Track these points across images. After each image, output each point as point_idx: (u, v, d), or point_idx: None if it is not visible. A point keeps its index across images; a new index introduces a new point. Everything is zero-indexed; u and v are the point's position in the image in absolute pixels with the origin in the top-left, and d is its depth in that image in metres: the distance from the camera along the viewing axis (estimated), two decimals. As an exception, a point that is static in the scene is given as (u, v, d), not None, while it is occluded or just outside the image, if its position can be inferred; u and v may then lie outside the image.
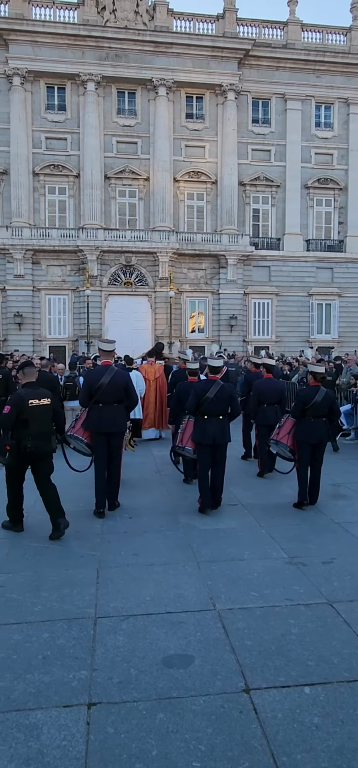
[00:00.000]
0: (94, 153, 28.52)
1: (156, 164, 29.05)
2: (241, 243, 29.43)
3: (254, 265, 30.31)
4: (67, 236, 28.21)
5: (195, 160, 29.95)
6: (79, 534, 5.35)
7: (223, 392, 6.17)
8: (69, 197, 29.32)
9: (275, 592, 4.11)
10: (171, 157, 29.36)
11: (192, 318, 30.42)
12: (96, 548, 4.97)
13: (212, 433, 6.10)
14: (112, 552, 4.88)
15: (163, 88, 28.79)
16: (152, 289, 29.01)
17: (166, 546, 5.04)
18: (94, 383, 6.03)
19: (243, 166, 30.20)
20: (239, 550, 4.96)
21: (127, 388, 6.16)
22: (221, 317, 29.70)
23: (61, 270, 28.75)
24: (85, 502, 6.44)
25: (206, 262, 29.68)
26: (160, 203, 29.04)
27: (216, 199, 30.23)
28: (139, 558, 4.73)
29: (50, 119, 28.72)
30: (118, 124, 29.28)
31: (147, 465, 8.80)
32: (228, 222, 29.78)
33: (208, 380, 6.38)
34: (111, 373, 6.05)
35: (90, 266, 27.74)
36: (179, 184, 29.93)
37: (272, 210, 30.97)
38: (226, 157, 29.69)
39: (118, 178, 29.41)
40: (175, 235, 28.82)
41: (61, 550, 4.90)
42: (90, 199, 28.50)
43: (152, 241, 28.37)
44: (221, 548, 5.00)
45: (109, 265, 28.60)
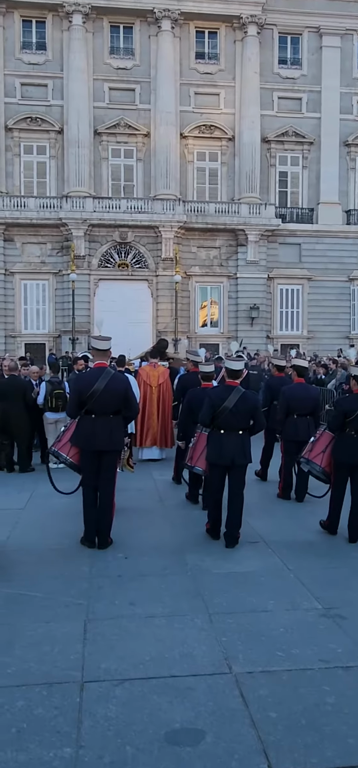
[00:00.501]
0: (82, 103, 28.75)
1: (158, 116, 29.23)
2: (264, 215, 29.49)
3: (281, 243, 30.33)
4: (47, 207, 28.42)
5: (207, 110, 30.09)
6: (63, 577, 5.37)
7: (244, 402, 6.19)
8: (50, 158, 29.53)
9: (306, 651, 4.12)
10: (177, 108, 29.52)
11: (203, 309, 30.48)
12: (83, 595, 5.00)
13: (230, 452, 6.14)
14: (103, 600, 4.90)
15: (168, 21, 29.01)
16: (153, 272, 29.10)
17: (171, 593, 5.06)
18: (85, 389, 6.07)
19: (267, 119, 30.30)
20: (261, 598, 4.97)
21: (126, 395, 6.22)
22: (239, 308, 29.74)
23: (40, 249, 28.93)
24: (71, 536, 6.46)
25: (221, 238, 29.75)
26: (164, 165, 29.20)
27: (233, 160, 30.34)
28: (136, 608, 4.75)
29: (27, 61, 29.02)
30: (112, 67, 29.51)
31: (147, 491, 8.80)
32: (248, 188, 29.86)
33: (226, 387, 6.42)
34: (107, 377, 6.08)
35: (76, 244, 27.91)
36: (186, 141, 30.08)
37: (303, 173, 31.03)
38: (246, 108, 29.81)
39: (112, 133, 29.59)
40: (182, 204, 28.94)
41: (40, 598, 4.94)
42: (76, 161, 28.72)
43: (154, 213, 28.50)
44: (239, 596, 5.01)
45: (100, 243, 28.75)
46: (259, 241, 29.58)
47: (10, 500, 8.32)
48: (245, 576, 5.48)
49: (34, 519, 7.35)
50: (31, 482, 9.33)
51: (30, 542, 6.39)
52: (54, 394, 10.37)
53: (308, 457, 6.83)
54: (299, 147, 30.90)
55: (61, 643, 4.17)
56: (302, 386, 8.20)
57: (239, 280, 29.71)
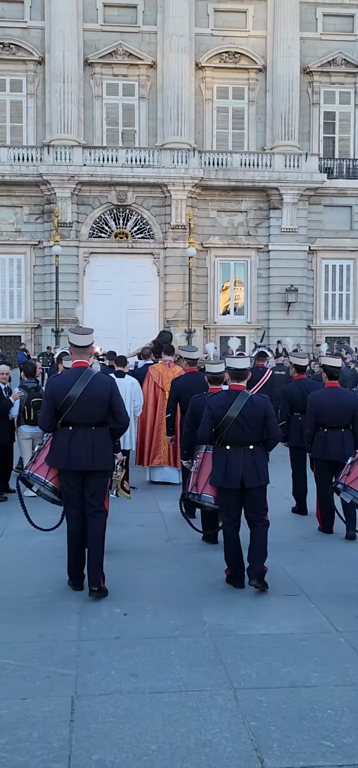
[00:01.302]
0: (68, 24, 28.94)
1: (167, 41, 29.37)
2: (305, 168, 29.49)
3: (327, 205, 30.34)
4: (23, 159, 28.68)
5: (231, 32, 30.23)
6: (44, 639, 5.36)
7: (253, 408, 6.36)
8: (27, 96, 29.78)
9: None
10: (191, 30, 29.64)
11: (225, 291, 30.50)
12: (70, 663, 4.98)
13: (238, 472, 6.30)
14: (96, 670, 4.88)
15: None
16: (161, 244, 29.19)
17: (183, 661, 5.03)
18: (60, 395, 6.22)
19: (309, 43, 30.38)
20: (301, 669, 4.92)
21: (112, 401, 6.35)
22: (271, 290, 29.75)
23: (15, 214, 29.16)
24: (54, 586, 6.47)
25: (249, 199, 29.80)
26: (175, 104, 29.32)
27: (265, 98, 30.41)
28: (139, 681, 4.72)
29: (-2, -28, 29.32)
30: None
31: (152, 526, 8.80)
32: (284, 134, 29.90)
33: (228, 392, 6.64)
34: (86, 380, 6.23)
35: (61, 208, 28.08)
36: (204, 72, 30.20)
37: (355, 113, 31.04)
38: (281, 28, 29.86)
39: (107, 64, 29.80)
40: (198, 156, 29.03)
41: (15, 667, 4.93)
42: (61, 100, 28.93)
43: (161, 167, 28.64)
44: (272, 666, 4.97)
45: (92, 206, 28.92)
46: (297, 203, 29.56)
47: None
48: (281, 639, 5.43)
49: (7, 564, 7.36)
50: (3, 516, 9.36)
51: (1, 595, 6.39)
52: (31, 404, 10.41)
53: (345, 482, 6.87)
54: (351, 80, 30.94)
55: (41, 726, 4.15)
56: (335, 392, 8.31)
57: (272, 253, 29.72)
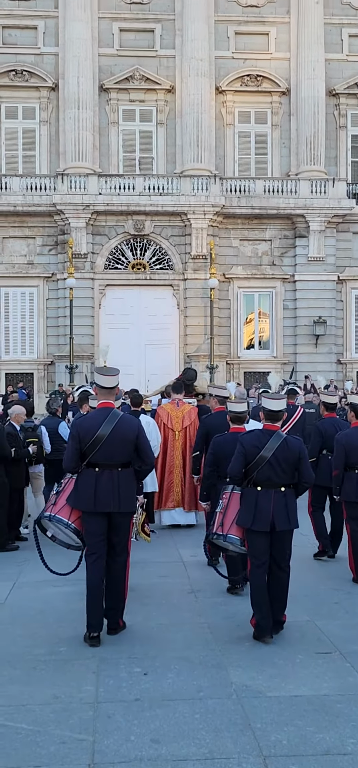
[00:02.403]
0: (83, 49, 29.44)
1: (186, 65, 29.77)
2: (332, 194, 29.61)
3: (356, 232, 30.38)
4: (36, 189, 29.03)
5: (252, 55, 30.58)
6: (59, 700, 5.31)
7: (287, 450, 6.53)
8: (40, 123, 30.23)
9: None
10: (211, 53, 30.04)
11: (249, 324, 30.51)
12: (87, 728, 4.92)
13: (269, 514, 6.46)
14: (114, 735, 4.82)
15: None
16: (180, 275, 29.33)
17: (209, 726, 4.95)
18: (87, 436, 6.45)
19: (335, 65, 30.66)
20: (336, 735, 4.84)
21: (138, 442, 6.61)
22: (298, 322, 29.72)
23: (27, 245, 29.46)
24: (69, 642, 6.43)
25: (273, 227, 29.92)
26: (194, 130, 29.62)
27: (289, 121, 30.64)
28: (161, 747, 4.65)
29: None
30: (123, 1, 30.27)
31: (172, 575, 8.76)
32: (310, 159, 30.08)
33: (263, 431, 6.76)
34: (113, 421, 6.47)
35: (75, 238, 28.34)
36: (225, 97, 30.54)
37: (385, 137, 31.13)
38: (305, 51, 30.17)
39: (123, 89, 30.24)
40: (218, 183, 29.26)
41: (27, 732, 4.89)
42: (75, 127, 29.32)
43: (180, 195, 28.87)
44: (305, 732, 4.88)
45: (108, 237, 29.16)
46: (325, 231, 29.62)
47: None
48: (313, 702, 5.35)
49: (19, 618, 7.32)
50: (15, 566, 9.34)
51: (13, 651, 6.36)
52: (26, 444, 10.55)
53: None
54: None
55: (56, 796, 4.12)
56: None
57: (298, 284, 29.73)
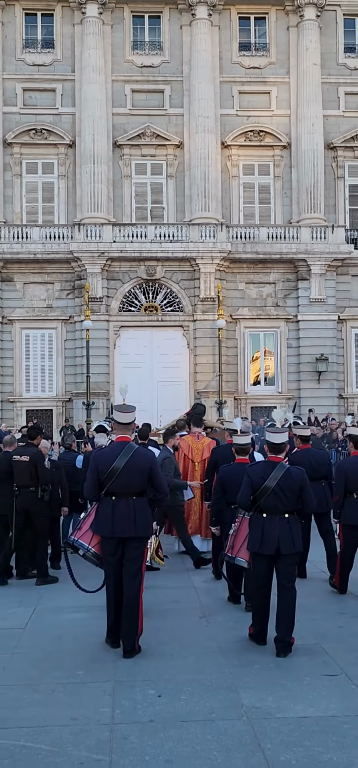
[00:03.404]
0: (98, 109, 29.84)
1: (194, 122, 30.10)
2: (331, 240, 29.72)
3: (355, 275, 30.44)
4: (55, 238, 29.27)
5: (255, 113, 30.90)
6: (77, 722, 5.26)
7: (290, 479, 6.80)
8: (59, 178, 30.57)
9: None
10: (217, 111, 30.38)
11: (255, 361, 30.51)
12: (104, 748, 4.86)
13: (274, 539, 6.72)
14: (130, 755, 4.75)
15: (204, 7, 30.16)
16: (190, 316, 29.42)
17: (221, 746, 4.88)
18: (104, 467, 6.79)
19: (332, 120, 30.93)
20: (344, 755, 4.75)
21: (152, 473, 6.89)
22: (301, 360, 29.69)
23: (46, 290, 29.65)
24: (87, 666, 6.39)
25: (276, 271, 30.01)
26: (202, 182, 29.87)
27: (290, 173, 30.86)
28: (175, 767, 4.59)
29: (31, 61, 30.46)
30: (135, 65, 30.72)
31: (185, 602, 8.73)
32: (310, 208, 30.23)
33: (267, 462, 7.07)
34: (129, 453, 6.78)
35: (91, 283, 28.48)
36: (230, 151, 30.81)
37: (381, 186, 31.29)
38: (304, 107, 30.47)
39: (135, 145, 30.56)
40: (225, 230, 29.44)
41: (48, 752, 4.82)
42: (91, 180, 29.62)
43: (189, 242, 29.05)
44: (313, 752, 4.80)
45: (122, 281, 29.32)
46: (325, 274, 29.69)
47: (7, 617, 8.27)
48: (321, 722, 5.26)
49: (39, 643, 7.28)
50: (34, 592, 9.30)
51: (33, 675, 6.30)
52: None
53: None
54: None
55: None
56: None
57: (301, 323, 29.74)
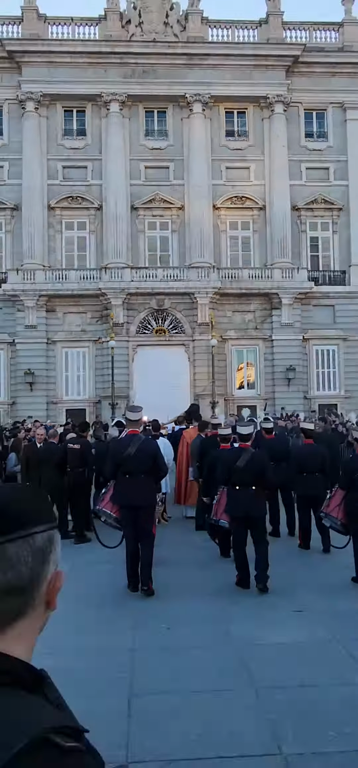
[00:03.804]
0: (119, 181, 29.90)
1: (192, 190, 30.12)
2: (297, 278, 29.65)
3: (315, 305, 30.33)
4: (87, 278, 29.27)
5: (238, 183, 30.87)
6: (105, 650, 5.24)
7: (254, 461, 6.99)
8: (90, 233, 30.60)
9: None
10: (209, 182, 30.39)
11: (240, 371, 30.47)
12: (126, 668, 4.84)
13: (245, 505, 6.88)
14: (146, 674, 4.73)
15: (199, 104, 30.21)
16: (190, 337, 29.39)
17: (216, 666, 4.86)
18: (119, 454, 6.94)
19: (296, 188, 30.85)
20: (309, 672, 4.72)
21: (155, 458, 7.01)
22: (275, 369, 29.62)
23: (81, 318, 29.65)
24: (111, 606, 6.35)
25: (255, 302, 29.97)
26: (198, 235, 29.87)
27: (265, 228, 30.83)
28: (180, 683, 4.56)
29: (68, 146, 30.51)
30: (147, 148, 30.74)
31: (189, 559, 8.69)
32: (280, 254, 30.18)
33: (238, 448, 7.35)
34: (137, 443, 6.91)
35: (115, 312, 28.51)
36: (219, 212, 30.79)
37: (333, 238, 31.23)
38: (275, 179, 30.46)
39: (147, 208, 30.57)
40: (216, 271, 29.40)
41: (82, 671, 4.80)
42: (114, 234, 29.66)
43: (189, 280, 29.01)
44: (286, 669, 4.78)
45: (138, 311, 29.29)
46: (293, 304, 29.63)
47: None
48: (292, 648, 5.24)
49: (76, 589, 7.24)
50: (72, 551, 9.26)
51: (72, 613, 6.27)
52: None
53: (326, 511, 7.55)
54: (329, 213, 31.21)
55: (104, 720, 4.02)
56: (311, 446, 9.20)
57: (275, 342, 29.68)
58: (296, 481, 8.97)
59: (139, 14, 30.38)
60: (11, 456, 12.55)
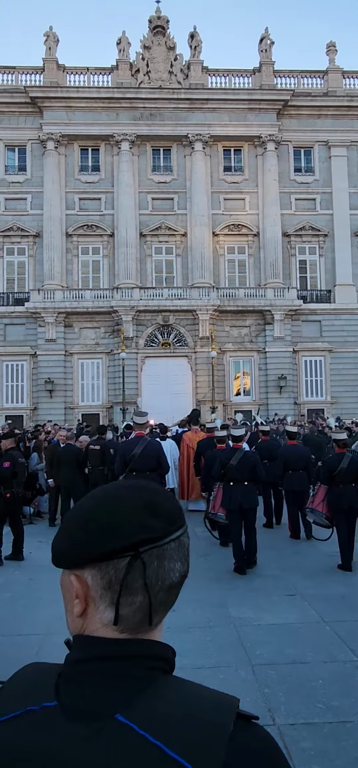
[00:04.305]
0: (129, 211, 29.99)
1: (193, 219, 30.18)
2: (287, 297, 29.65)
3: (303, 320, 30.32)
4: (101, 297, 29.33)
5: (235, 212, 30.92)
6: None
7: (246, 460, 7.04)
8: (103, 257, 30.69)
9: (345, 703, 3.82)
10: (209, 211, 30.46)
11: (237, 379, 30.45)
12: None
13: (238, 499, 6.87)
14: (153, 651, 4.70)
15: (200, 143, 30.32)
16: (192, 349, 29.39)
17: (216, 645, 4.82)
18: (127, 453, 7.00)
19: (287, 217, 30.89)
20: (300, 650, 4.68)
21: (159, 457, 7.08)
22: (268, 378, 29.58)
23: (95, 332, 29.70)
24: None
25: (250, 318, 29.97)
26: (199, 259, 29.91)
27: (259, 252, 30.85)
28: (184, 659, 4.52)
29: (84, 180, 30.65)
30: (154, 181, 30.84)
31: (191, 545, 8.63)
32: (273, 275, 30.19)
33: (231, 449, 7.36)
34: (143, 444, 6.98)
35: (125, 327, 28.54)
36: (218, 238, 30.84)
37: (320, 261, 31.23)
38: (268, 208, 30.51)
39: (154, 235, 30.65)
40: (215, 291, 29.43)
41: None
42: (125, 258, 29.72)
43: (191, 299, 29.04)
44: (279, 648, 4.74)
45: (146, 326, 29.33)
46: (284, 320, 29.62)
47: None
48: (284, 628, 5.20)
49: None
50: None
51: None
52: None
53: (311, 507, 7.57)
54: (315, 239, 31.23)
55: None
56: (295, 447, 9.27)
57: (268, 353, 29.66)
58: (283, 478, 9.04)
59: (147, 64, 30.58)
60: (33, 455, 12.54)
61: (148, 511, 0.84)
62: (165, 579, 0.83)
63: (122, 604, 0.81)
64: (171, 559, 0.84)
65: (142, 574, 0.81)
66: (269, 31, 31.55)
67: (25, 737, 0.73)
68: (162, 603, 0.84)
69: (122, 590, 0.81)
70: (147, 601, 0.82)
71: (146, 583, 0.81)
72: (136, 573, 0.81)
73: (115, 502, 0.84)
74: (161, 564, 0.83)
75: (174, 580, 0.85)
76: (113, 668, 0.79)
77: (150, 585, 0.82)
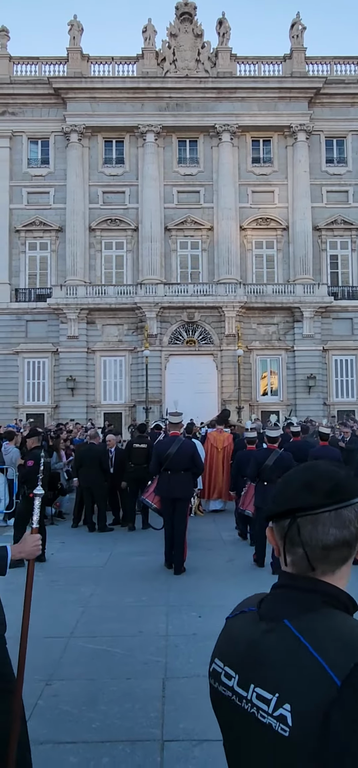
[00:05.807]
0: (154, 205, 30.07)
1: (220, 213, 30.09)
2: (318, 293, 29.31)
3: (334, 318, 29.93)
4: (124, 293, 29.49)
5: (263, 205, 30.72)
6: (141, 635, 5.24)
7: (282, 460, 7.23)
8: (127, 252, 30.85)
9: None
10: (237, 205, 30.31)
11: (264, 379, 30.26)
12: (161, 653, 4.82)
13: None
14: (179, 658, 4.71)
15: (227, 133, 30.20)
16: (218, 347, 29.33)
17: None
18: (162, 453, 7.28)
19: (317, 210, 30.53)
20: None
21: (193, 457, 7.31)
22: (296, 377, 29.31)
23: (118, 329, 29.89)
24: (148, 594, 6.35)
25: (279, 315, 29.74)
26: (226, 254, 29.81)
27: (288, 247, 30.58)
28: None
29: (108, 173, 30.86)
30: (179, 174, 30.86)
31: (216, 550, 8.63)
32: (302, 271, 29.89)
33: (267, 449, 7.57)
34: (178, 444, 7.24)
35: (149, 324, 28.63)
36: (245, 232, 30.68)
37: (352, 256, 30.78)
38: (298, 201, 30.20)
39: (179, 229, 30.67)
40: (242, 287, 29.28)
41: (121, 655, 4.81)
42: (149, 253, 29.82)
43: (217, 295, 28.97)
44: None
45: (170, 323, 29.38)
46: (314, 317, 29.30)
47: (92, 559, 8.31)
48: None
49: (114, 577, 7.28)
50: (111, 542, 9.32)
51: (111, 600, 6.30)
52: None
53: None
54: (348, 233, 30.79)
55: (141, 700, 4.01)
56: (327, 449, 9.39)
57: (296, 352, 29.39)
58: None
59: (174, 52, 30.59)
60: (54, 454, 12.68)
61: (306, 487, 1.12)
62: (319, 540, 1.10)
63: (288, 552, 1.14)
64: (325, 524, 1.10)
65: (298, 533, 1.11)
66: (301, 16, 31.19)
67: (238, 626, 1.18)
68: (319, 558, 1.11)
69: (286, 542, 1.13)
70: (304, 553, 1.11)
71: (302, 540, 1.11)
72: (293, 531, 1.12)
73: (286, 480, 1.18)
74: (315, 528, 1.10)
75: (327, 542, 1.10)
76: (290, 593, 1.13)
77: (305, 542, 1.11)
